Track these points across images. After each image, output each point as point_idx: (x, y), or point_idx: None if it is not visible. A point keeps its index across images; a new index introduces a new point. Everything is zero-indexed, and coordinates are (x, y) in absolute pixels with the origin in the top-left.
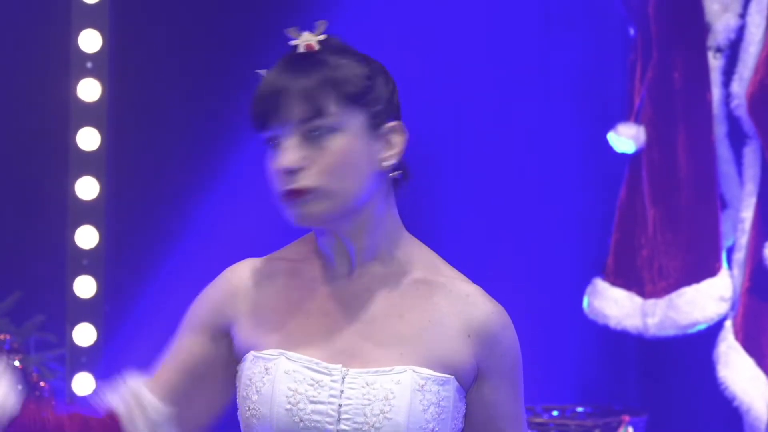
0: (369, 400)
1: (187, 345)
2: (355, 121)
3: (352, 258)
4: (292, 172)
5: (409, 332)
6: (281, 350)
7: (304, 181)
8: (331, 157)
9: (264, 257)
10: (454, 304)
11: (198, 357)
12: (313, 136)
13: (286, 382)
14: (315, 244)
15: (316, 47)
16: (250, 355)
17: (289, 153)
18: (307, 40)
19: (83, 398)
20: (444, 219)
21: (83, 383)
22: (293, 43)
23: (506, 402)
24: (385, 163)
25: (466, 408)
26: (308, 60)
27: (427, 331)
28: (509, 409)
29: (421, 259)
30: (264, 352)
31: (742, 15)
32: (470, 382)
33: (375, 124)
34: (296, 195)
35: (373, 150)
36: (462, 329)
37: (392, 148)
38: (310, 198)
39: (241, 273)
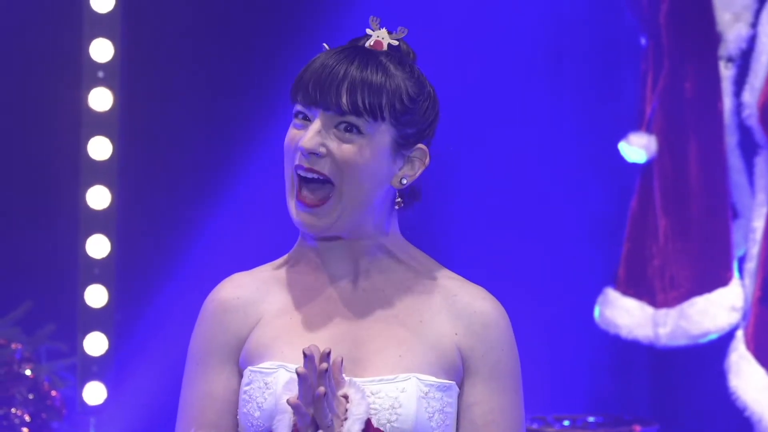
0: (375, 409)
1: (220, 380)
2: (383, 135)
3: (351, 263)
4: (310, 154)
5: (404, 334)
6: (280, 362)
7: (318, 166)
8: (347, 156)
9: (253, 270)
10: (444, 302)
11: (237, 389)
12: (338, 129)
13: (288, 395)
14: (307, 251)
15: (385, 48)
16: (247, 371)
17: (314, 136)
18: (381, 37)
19: (94, 408)
20: (455, 228)
21: (94, 392)
22: (368, 31)
23: (493, 405)
24: (403, 181)
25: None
26: (371, 58)
27: (421, 332)
28: (497, 416)
29: (418, 263)
30: (261, 366)
31: (754, 24)
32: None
33: (402, 144)
34: (310, 204)
35: (393, 166)
36: (451, 328)
37: (411, 170)
38: (323, 209)
39: (234, 289)
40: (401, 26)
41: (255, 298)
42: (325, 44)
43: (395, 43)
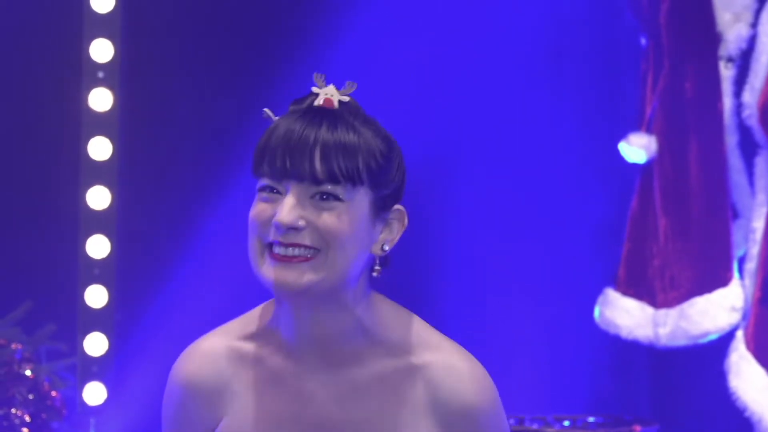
0: None
1: None
2: (363, 198)
3: (325, 357)
4: (289, 230)
5: None
6: None
7: (299, 239)
8: (330, 226)
9: (218, 334)
10: (425, 391)
11: None
12: (316, 200)
13: None
14: (277, 334)
15: (335, 105)
16: None
17: (291, 210)
18: (330, 93)
19: (94, 408)
20: (455, 230)
21: (94, 393)
22: (314, 90)
23: None
24: (384, 247)
25: None
26: (339, 118)
27: None
28: None
29: (395, 336)
30: None
31: (754, 24)
32: None
33: (381, 206)
34: (288, 258)
35: (373, 231)
36: (432, 423)
37: (391, 233)
38: (304, 266)
39: (198, 371)
40: (349, 80)
41: (220, 385)
42: (266, 110)
43: (346, 99)
